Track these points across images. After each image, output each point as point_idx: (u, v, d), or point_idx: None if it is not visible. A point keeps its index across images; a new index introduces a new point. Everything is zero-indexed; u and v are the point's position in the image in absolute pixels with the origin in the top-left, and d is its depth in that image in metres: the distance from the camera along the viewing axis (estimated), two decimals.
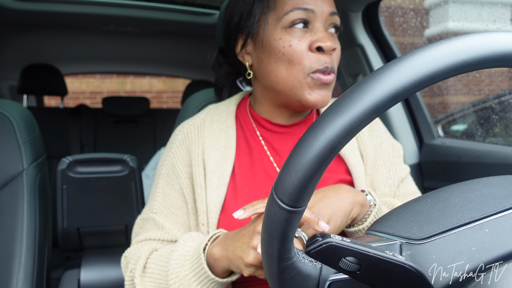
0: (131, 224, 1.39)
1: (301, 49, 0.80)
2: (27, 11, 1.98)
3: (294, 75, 0.81)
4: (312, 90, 0.81)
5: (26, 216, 1.11)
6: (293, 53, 0.80)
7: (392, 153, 0.94)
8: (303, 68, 0.80)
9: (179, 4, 2.08)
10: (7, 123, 1.15)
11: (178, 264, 0.75)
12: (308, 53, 0.80)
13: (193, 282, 0.73)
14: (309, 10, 0.81)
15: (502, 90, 4.61)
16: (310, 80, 0.81)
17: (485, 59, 0.37)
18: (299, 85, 0.81)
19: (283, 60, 0.81)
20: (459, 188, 0.50)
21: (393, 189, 0.91)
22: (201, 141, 0.89)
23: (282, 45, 0.81)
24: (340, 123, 0.37)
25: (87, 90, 5.92)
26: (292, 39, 0.81)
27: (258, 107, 0.93)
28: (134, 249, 0.86)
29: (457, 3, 4.86)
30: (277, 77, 0.83)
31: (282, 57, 0.81)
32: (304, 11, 0.81)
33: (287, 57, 0.81)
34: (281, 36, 0.81)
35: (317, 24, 0.82)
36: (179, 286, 0.74)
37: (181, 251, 0.77)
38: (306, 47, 0.81)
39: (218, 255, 0.71)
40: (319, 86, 0.81)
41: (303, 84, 0.81)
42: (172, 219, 0.87)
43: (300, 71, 0.81)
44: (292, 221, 0.41)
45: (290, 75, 0.81)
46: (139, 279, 0.80)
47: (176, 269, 0.75)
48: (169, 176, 0.90)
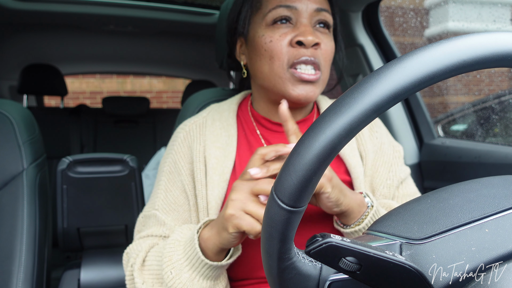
0: (131, 224, 1.39)
1: (281, 44, 0.81)
2: (27, 11, 1.98)
3: (275, 71, 0.82)
4: (294, 85, 0.82)
5: (26, 216, 1.11)
6: (273, 48, 0.82)
7: (392, 154, 0.94)
8: (282, 63, 0.82)
9: (179, 4, 2.08)
10: (7, 123, 1.15)
11: (172, 249, 0.76)
12: (289, 48, 0.81)
13: (185, 267, 0.74)
14: (292, 7, 0.83)
15: (502, 90, 4.61)
16: (290, 75, 0.82)
17: (485, 59, 0.37)
18: (281, 80, 0.82)
19: (265, 56, 0.83)
20: (459, 188, 0.50)
21: (392, 190, 0.91)
22: (202, 139, 0.90)
23: (264, 41, 0.83)
24: (340, 123, 0.37)
25: (87, 90, 5.92)
26: (273, 35, 0.82)
27: (257, 106, 0.94)
28: (136, 245, 0.87)
29: (457, 3, 4.87)
30: (262, 74, 0.85)
31: (264, 53, 0.83)
32: (286, 9, 0.82)
33: (269, 53, 0.82)
34: (264, 33, 0.83)
35: (301, 20, 0.83)
36: (171, 269, 0.74)
37: (176, 237, 0.78)
38: (287, 43, 0.82)
39: (207, 235, 0.72)
40: (301, 81, 0.82)
41: (284, 80, 0.82)
42: (174, 216, 0.88)
43: (280, 66, 0.82)
44: (292, 221, 0.41)
45: (272, 71, 0.83)
46: (138, 272, 0.81)
47: (169, 253, 0.76)
48: (171, 173, 0.90)
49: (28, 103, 2.83)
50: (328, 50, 0.85)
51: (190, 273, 0.74)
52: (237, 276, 0.83)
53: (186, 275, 0.74)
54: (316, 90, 0.84)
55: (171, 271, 0.74)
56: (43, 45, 2.64)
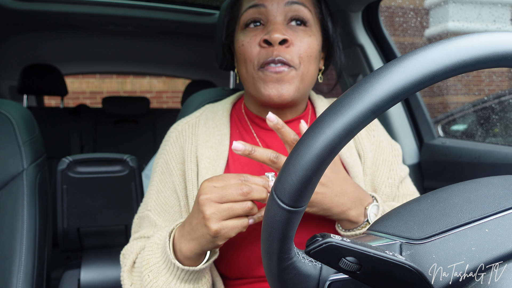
0: (131, 224, 1.39)
1: (251, 46, 0.82)
2: (27, 11, 1.98)
3: (249, 73, 0.84)
4: (266, 84, 0.81)
5: (26, 216, 1.11)
6: (245, 51, 0.83)
7: (391, 152, 0.94)
8: (253, 65, 0.82)
9: (179, 4, 2.08)
10: (7, 123, 1.15)
11: (150, 251, 0.76)
12: (259, 49, 0.81)
13: (162, 270, 0.73)
14: (259, 6, 0.82)
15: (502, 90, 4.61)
16: (261, 74, 0.81)
17: (485, 59, 0.37)
18: (254, 81, 0.83)
19: (241, 60, 0.85)
20: (459, 188, 0.50)
21: (394, 189, 0.90)
22: (195, 138, 0.90)
23: (238, 46, 0.85)
24: (340, 123, 0.37)
25: (87, 90, 5.91)
26: (244, 38, 0.84)
27: (250, 106, 0.95)
28: (129, 246, 0.87)
29: (457, 3, 4.86)
30: (242, 77, 0.87)
31: (240, 57, 0.85)
32: (255, 8, 0.83)
33: (243, 56, 0.84)
34: (238, 38, 0.85)
35: (271, 18, 0.82)
36: (148, 273, 0.74)
37: (155, 239, 0.78)
38: (257, 44, 0.82)
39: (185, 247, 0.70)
40: (273, 80, 0.80)
41: (257, 80, 0.82)
42: (165, 217, 0.88)
43: (252, 68, 0.83)
44: (292, 221, 0.41)
45: (247, 74, 0.84)
46: (127, 273, 0.81)
47: (148, 255, 0.76)
48: (163, 173, 0.90)
49: (28, 103, 2.83)
50: (303, 47, 0.82)
51: (166, 276, 0.73)
52: (233, 275, 0.83)
53: (163, 278, 0.73)
54: (290, 87, 0.81)
55: (149, 275, 0.74)
56: (43, 45, 2.64)
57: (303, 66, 0.82)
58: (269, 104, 0.84)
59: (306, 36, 0.83)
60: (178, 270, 0.72)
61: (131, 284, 0.80)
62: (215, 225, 0.65)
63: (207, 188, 0.67)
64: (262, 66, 0.81)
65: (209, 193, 0.66)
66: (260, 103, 0.90)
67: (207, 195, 0.66)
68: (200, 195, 0.66)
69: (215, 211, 0.65)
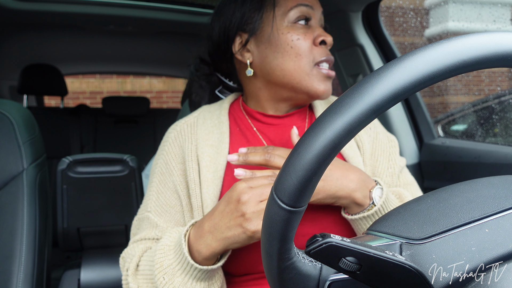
0: (131, 224, 1.39)
1: (307, 42, 0.86)
2: (27, 11, 1.98)
3: (302, 68, 0.86)
4: (321, 82, 0.87)
5: (26, 216, 1.11)
6: (300, 46, 0.86)
7: (388, 143, 0.96)
8: (309, 61, 0.86)
9: (179, 4, 2.08)
10: (7, 123, 1.15)
11: (162, 254, 0.77)
12: (313, 46, 0.87)
13: (177, 271, 0.74)
14: (309, 7, 0.89)
15: (502, 90, 4.61)
16: (316, 72, 0.87)
17: (485, 59, 0.37)
18: (307, 77, 0.86)
19: (290, 53, 0.86)
20: (459, 188, 0.50)
21: (395, 178, 0.92)
22: (194, 138, 0.90)
23: (290, 39, 0.86)
24: (340, 123, 0.37)
25: (87, 90, 5.92)
26: (298, 33, 0.87)
27: (251, 104, 0.95)
28: (130, 249, 0.87)
29: (457, 3, 4.87)
30: (284, 71, 0.87)
31: (290, 50, 0.86)
32: (306, 7, 0.88)
33: (295, 50, 0.86)
34: (288, 31, 0.87)
35: (314, 21, 0.90)
36: (163, 275, 0.75)
37: (165, 241, 0.78)
38: (311, 42, 0.87)
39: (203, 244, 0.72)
40: (326, 78, 0.88)
41: (311, 76, 0.86)
42: (166, 217, 0.88)
43: (308, 64, 0.86)
44: (292, 221, 0.41)
45: (298, 68, 0.86)
46: (132, 277, 0.81)
47: (160, 258, 0.76)
48: (163, 174, 0.90)
49: (28, 103, 2.83)
50: None
51: (182, 277, 0.74)
52: (238, 272, 0.83)
53: (179, 279, 0.74)
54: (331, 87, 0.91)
55: (164, 277, 0.74)
56: (43, 45, 2.64)
57: None
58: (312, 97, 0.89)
59: None
60: (195, 271, 0.73)
61: (137, 287, 0.80)
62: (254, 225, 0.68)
63: (245, 189, 0.70)
64: (317, 63, 0.87)
65: (249, 193, 0.69)
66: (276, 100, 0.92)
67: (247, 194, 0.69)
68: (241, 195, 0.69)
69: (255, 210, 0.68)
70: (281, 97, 0.90)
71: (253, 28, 0.89)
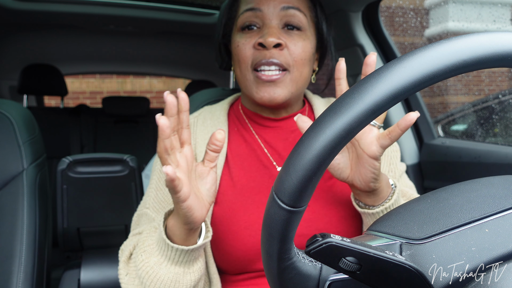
0: (131, 224, 1.39)
1: (246, 48, 0.84)
2: (27, 11, 1.98)
3: (243, 74, 0.86)
4: (257, 87, 0.84)
5: (26, 216, 1.11)
6: (239, 52, 0.85)
7: (390, 148, 0.95)
8: (247, 65, 0.84)
9: (179, 4, 2.08)
10: (7, 123, 1.15)
11: (147, 234, 0.78)
12: (253, 50, 0.84)
13: (156, 251, 0.74)
14: (256, 9, 0.85)
15: (502, 90, 4.61)
16: (253, 77, 0.84)
17: (485, 59, 0.37)
18: (248, 83, 0.86)
19: (235, 61, 0.87)
20: (459, 188, 0.50)
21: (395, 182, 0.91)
22: (193, 137, 0.91)
23: (234, 47, 0.87)
24: (340, 123, 0.37)
25: (87, 90, 5.91)
26: (240, 39, 0.86)
27: (247, 104, 0.96)
28: (128, 241, 0.88)
29: (457, 3, 4.87)
30: (237, 78, 0.89)
31: (235, 58, 0.87)
32: (251, 12, 0.85)
33: (237, 57, 0.86)
34: (235, 39, 0.87)
35: (267, 22, 0.85)
36: (142, 252, 0.75)
37: (154, 224, 0.81)
38: (251, 46, 0.84)
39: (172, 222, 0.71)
40: (264, 83, 0.83)
41: (250, 82, 0.85)
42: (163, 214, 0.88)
43: (246, 69, 0.85)
44: (292, 221, 0.41)
45: (240, 74, 0.87)
46: (123, 264, 0.81)
47: (144, 237, 0.78)
48: (162, 172, 0.91)
49: (28, 103, 2.83)
50: (297, 50, 0.84)
51: (158, 257, 0.73)
52: (234, 271, 0.84)
53: (155, 259, 0.74)
54: (282, 91, 0.83)
55: (142, 254, 0.75)
56: (43, 45, 2.64)
57: (296, 69, 0.85)
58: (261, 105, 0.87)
59: (300, 40, 0.85)
60: (169, 250, 0.72)
61: (126, 274, 0.80)
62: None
63: None
64: (255, 67, 0.83)
65: None
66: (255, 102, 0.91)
67: None
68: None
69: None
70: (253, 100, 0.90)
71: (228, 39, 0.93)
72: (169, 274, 0.73)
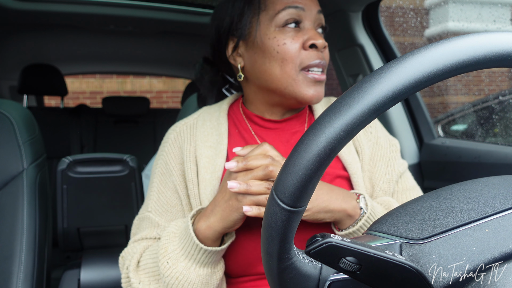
0: (131, 224, 1.39)
1: (295, 47, 0.84)
2: (27, 11, 1.98)
3: (288, 73, 0.84)
4: (308, 87, 0.84)
5: (26, 216, 1.11)
6: (287, 51, 0.83)
7: (389, 148, 0.95)
8: (295, 65, 0.84)
9: (179, 4, 2.08)
10: (7, 123, 1.15)
11: (167, 240, 0.78)
12: (301, 51, 0.84)
13: (181, 256, 0.75)
14: (300, 8, 0.85)
15: (502, 90, 4.61)
16: (302, 77, 0.84)
17: (485, 59, 0.37)
18: (294, 82, 0.84)
19: (277, 58, 0.84)
20: (459, 188, 0.50)
21: (392, 184, 0.91)
22: (193, 139, 0.91)
23: (276, 44, 0.84)
24: (340, 123, 0.37)
25: (87, 90, 5.92)
26: (286, 38, 0.84)
27: (250, 107, 0.95)
28: (130, 248, 0.87)
29: (457, 3, 4.87)
30: (271, 76, 0.85)
31: (276, 55, 0.84)
32: (295, 9, 0.85)
33: (281, 55, 0.84)
34: (275, 35, 0.85)
35: (307, 23, 0.86)
36: (167, 260, 0.76)
37: (171, 229, 0.80)
38: (299, 46, 0.84)
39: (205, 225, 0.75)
40: (314, 82, 0.85)
41: (297, 82, 0.84)
42: (167, 217, 0.88)
43: (293, 69, 0.84)
44: (292, 221, 0.41)
45: (284, 73, 0.84)
46: (133, 273, 0.82)
47: (165, 244, 0.78)
48: (163, 174, 0.91)
49: (28, 103, 2.83)
50: (328, 53, 0.89)
51: (186, 262, 0.75)
52: (235, 273, 0.84)
53: (182, 264, 0.75)
54: (323, 90, 0.88)
55: (167, 261, 0.76)
56: (43, 45, 2.64)
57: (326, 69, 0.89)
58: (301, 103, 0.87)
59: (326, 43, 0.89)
60: (199, 253, 0.75)
61: (139, 282, 0.81)
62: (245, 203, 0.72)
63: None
64: (304, 68, 0.84)
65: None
66: (268, 104, 0.91)
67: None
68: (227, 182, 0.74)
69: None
70: (273, 101, 0.90)
71: (241, 33, 0.89)
72: (199, 277, 0.76)
